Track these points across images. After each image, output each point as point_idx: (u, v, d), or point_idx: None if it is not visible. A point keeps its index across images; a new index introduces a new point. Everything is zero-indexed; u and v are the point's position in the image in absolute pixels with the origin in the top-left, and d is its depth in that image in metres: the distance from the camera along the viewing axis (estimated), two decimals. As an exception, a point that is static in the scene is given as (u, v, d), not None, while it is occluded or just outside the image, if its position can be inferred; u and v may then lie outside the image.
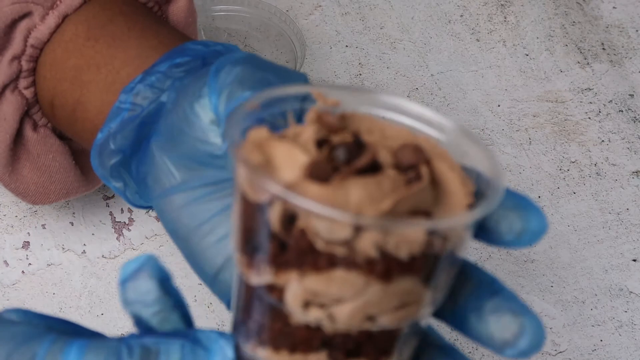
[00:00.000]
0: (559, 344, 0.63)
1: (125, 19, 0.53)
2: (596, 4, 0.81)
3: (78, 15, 0.53)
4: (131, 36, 0.52)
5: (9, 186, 0.57)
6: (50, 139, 0.56)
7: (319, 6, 0.79)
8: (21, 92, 0.54)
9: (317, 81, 0.75)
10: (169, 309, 0.36)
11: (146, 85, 0.48)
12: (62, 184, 0.57)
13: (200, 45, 0.49)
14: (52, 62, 0.53)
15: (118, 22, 0.53)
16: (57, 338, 0.35)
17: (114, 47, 0.52)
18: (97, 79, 0.52)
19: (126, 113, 0.48)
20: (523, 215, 0.36)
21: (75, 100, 0.53)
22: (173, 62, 0.48)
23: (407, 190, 0.32)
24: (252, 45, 0.75)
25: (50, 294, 0.62)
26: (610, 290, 0.65)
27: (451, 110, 0.74)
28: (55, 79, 0.53)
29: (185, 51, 0.49)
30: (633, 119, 0.74)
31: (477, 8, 0.80)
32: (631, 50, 0.79)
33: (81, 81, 0.52)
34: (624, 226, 0.68)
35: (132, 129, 0.48)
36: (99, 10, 0.53)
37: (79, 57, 0.53)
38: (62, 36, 0.53)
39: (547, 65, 0.77)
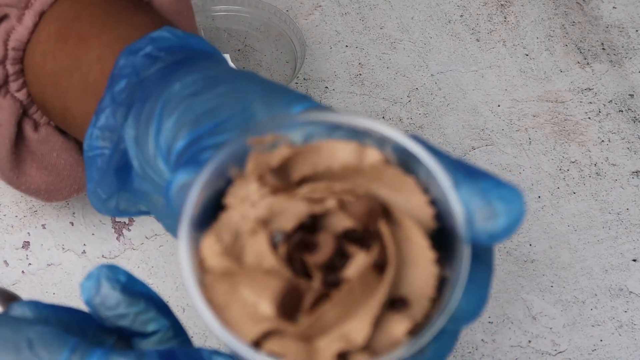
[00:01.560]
0: (559, 344, 0.63)
1: (91, 13, 0.51)
2: (596, 4, 0.81)
3: (51, 12, 0.52)
4: (92, 33, 0.50)
5: (20, 188, 0.56)
6: (53, 137, 0.55)
7: (319, 6, 0.79)
8: (13, 95, 0.53)
9: (317, 81, 0.75)
10: (143, 310, 0.36)
11: (99, 129, 0.45)
12: (73, 180, 0.57)
13: (150, 45, 0.46)
14: (33, 67, 0.52)
15: (83, 18, 0.51)
16: (77, 346, 0.34)
17: (80, 48, 0.50)
18: (73, 85, 0.50)
19: (99, 159, 0.46)
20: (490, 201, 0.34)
21: (61, 106, 0.52)
22: (113, 91, 0.45)
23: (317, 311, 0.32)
24: (252, 45, 0.75)
25: (50, 294, 0.62)
26: (610, 290, 0.65)
27: (451, 110, 0.74)
28: (39, 84, 0.52)
29: (122, 72, 0.45)
30: (633, 119, 0.74)
31: (477, 8, 0.80)
32: (631, 50, 0.79)
33: (61, 87, 0.51)
34: (624, 226, 0.68)
35: (111, 175, 0.46)
36: (69, 5, 0.52)
37: (53, 61, 0.51)
38: (39, 37, 0.52)
39: (547, 65, 0.77)
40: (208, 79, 0.41)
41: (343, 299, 0.32)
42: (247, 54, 0.75)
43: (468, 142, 0.72)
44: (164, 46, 0.46)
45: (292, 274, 0.33)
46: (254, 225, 0.34)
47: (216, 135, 0.39)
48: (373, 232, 0.34)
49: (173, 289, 0.63)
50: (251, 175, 0.35)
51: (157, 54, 0.45)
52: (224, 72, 0.42)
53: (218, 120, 0.39)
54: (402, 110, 0.73)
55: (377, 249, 0.33)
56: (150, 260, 0.64)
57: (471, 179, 0.34)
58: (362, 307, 0.33)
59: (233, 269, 0.33)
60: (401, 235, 0.34)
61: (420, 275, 0.33)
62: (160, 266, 0.63)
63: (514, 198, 0.33)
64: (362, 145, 0.35)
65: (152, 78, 0.44)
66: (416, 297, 0.33)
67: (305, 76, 0.75)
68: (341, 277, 0.33)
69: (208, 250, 0.33)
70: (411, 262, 0.34)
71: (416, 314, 0.33)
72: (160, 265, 0.63)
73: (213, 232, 0.34)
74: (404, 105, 0.74)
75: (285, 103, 0.39)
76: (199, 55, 0.45)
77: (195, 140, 0.39)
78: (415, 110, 0.74)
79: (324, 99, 0.74)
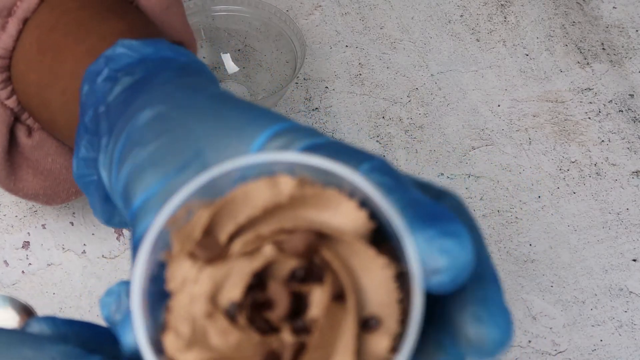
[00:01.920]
0: (559, 344, 0.63)
1: (65, 22, 0.50)
2: (596, 4, 0.81)
3: (34, 20, 0.51)
4: (66, 45, 0.49)
5: (18, 194, 0.56)
6: (47, 142, 0.55)
7: (319, 6, 0.79)
8: (3, 103, 0.53)
9: (317, 81, 0.75)
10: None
11: (82, 159, 0.45)
12: (70, 183, 0.57)
13: (107, 66, 0.45)
14: (19, 77, 0.52)
15: (59, 28, 0.50)
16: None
17: (56, 61, 0.49)
18: (55, 98, 0.50)
19: (91, 186, 0.46)
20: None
21: (48, 117, 0.52)
22: (85, 121, 0.45)
23: None
24: (252, 45, 0.75)
25: (50, 294, 0.62)
26: (610, 290, 0.65)
27: (451, 110, 0.74)
28: (26, 93, 0.52)
29: (88, 100, 0.45)
30: (633, 119, 0.74)
31: (477, 8, 0.80)
32: (631, 50, 0.79)
33: (45, 99, 0.51)
34: (624, 226, 0.68)
35: (103, 201, 0.46)
36: (48, 12, 0.51)
37: (35, 72, 0.51)
38: (23, 46, 0.51)
39: (547, 65, 0.77)
40: (157, 121, 0.40)
41: (318, 342, 0.32)
42: (247, 54, 0.75)
43: (468, 142, 0.72)
44: (121, 65, 0.45)
45: (260, 336, 0.32)
46: (207, 308, 0.33)
47: (163, 196, 0.38)
48: (320, 262, 0.33)
49: (173, 289, 0.63)
50: (180, 254, 0.34)
51: (114, 76, 0.45)
52: (176, 107, 0.41)
53: (165, 177, 0.38)
54: (402, 110, 0.73)
55: (330, 278, 0.33)
56: (150, 260, 0.64)
57: (421, 225, 0.32)
58: (340, 343, 0.32)
59: (204, 357, 0.33)
60: (347, 253, 0.33)
61: (379, 284, 0.33)
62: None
63: (457, 251, 0.32)
64: (272, 178, 0.34)
65: (113, 107, 0.44)
66: (384, 307, 0.33)
67: (305, 76, 0.75)
68: (307, 320, 0.33)
69: (173, 349, 0.33)
70: (366, 276, 0.33)
71: (390, 326, 0.33)
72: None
73: (170, 329, 0.33)
74: (404, 105, 0.74)
75: (239, 140, 0.38)
76: (157, 69, 0.45)
77: (148, 199, 0.38)
78: (415, 110, 0.74)
79: (324, 99, 0.74)
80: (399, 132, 0.72)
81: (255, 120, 0.38)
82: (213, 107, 0.40)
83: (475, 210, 0.69)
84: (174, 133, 0.39)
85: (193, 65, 0.46)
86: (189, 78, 0.44)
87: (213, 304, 0.33)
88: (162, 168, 0.39)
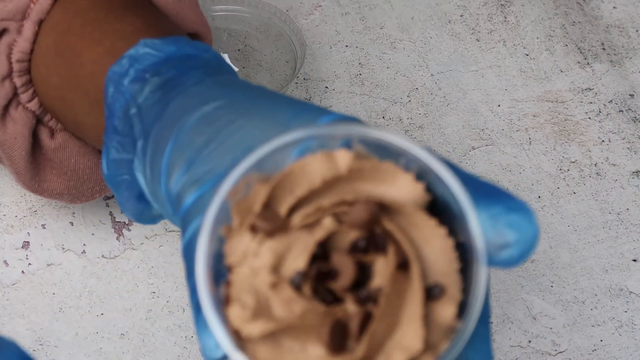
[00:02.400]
0: (559, 344, 0.63)
1: (80, 23, 0.50)
2: (596, 4, 0.81)
3: (48, 21, 0.51)
4: (83, 47, 0.49)
5: (43, 194, 0.56)
6: (70, 143, 0.55)
7: (319, 6, 0.79)
8: (25, 106, 0.53)
9: (317, 81, 0.75)
10: None
11: (112, 161, 0.45)
12: (94, 182, 0.56)
13: (132, 67, 0.44)
14: (40, 80, 0.52)
15: (74, 29, 0.50)
16: None
17: (75, 64, 0.49)
18: (78, 99, 0.50)
19: (122, 186, 0.45)
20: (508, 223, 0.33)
21: (72, 120, 0.52)
22: (113, 123, 0.45)
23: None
24: (252, 45, 0.75)
25: (50, 294, 0.62)
26: (610, 290, 0.65)
27: (451, 110, 0.74)
28: (48, 97, 0.52)
29: (114, 102, 0.44)
30: (633, 119, 0.74)
31: (477, 8, 0.80)
32: (631, 50, 0.79)
33: (69, 101, 0.51)
34: (624, 226, 0.68)
35: (134, 200, 0.46)
36: (61, 13, 0.51)
37: (57, 75, 0.50)
38: (40, 49, 0.51)
39: (547, 65, 0.77)
40: (204, 123, 0.40)
41: (385, 311, 0.32)
42: (247, 54, 0.75)
43: (468, 142, 0.72)
44: (147, 65, 0.45)
45: (325, 307, 0.33)
46: (271, 279, 0.33)
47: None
48: (381, 233, 0.33)
49: (173, 289, 0.63)
50: (241, 228, 0.34)
51: (142, 76, 0.44)
52: (219, 107, 0.41)
53: (217, 176, 0.38)
54: (402, 110, 0.73)
55: (393, 249, 0.33)
56: (150, 260, 0.64)
57: (483, 203, 0.33)
58: (406, 311, 0.32)
59: (269, 327, 0.33)
60: (407, 224, 0.34)
61: (440, 253, 0.33)
62: (160, 266, 0.63)
63: (525, 225, 0.33)
64: (329, 152, 0.34)
65: (146, 109, 0.43)
66: (446, 276, 0.33)
67: (305, 76, 0.75)
68: (372, 290, 0.33)
69: (238, 320, 0.33)
70: (427, 246, 0.33)
71: (454, 293, 0.33)
72: (160, 265, 0.63)
73: (234, 301, 0.33)
74: (404, 105, 0.74)
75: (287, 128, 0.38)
76: (184, 67, 0.44)
77: (201, 196, 0.38)
78: (415, 110, 0.74)
79: (324, 99, 0.74)
80: (399, 132, 0.72)
81: (301, 114, 0.39)
82: (255, 103, 0.40)
83: (475, 210, 0.68)
84: (224, 134, 0.39)
85: (214, 61, 0.46)
86: (218, 76, 0.44)
87: (277, 275, 0.33)
88: (214, 168, 0.38)
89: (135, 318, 0.61)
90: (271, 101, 0.40)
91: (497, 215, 0.33)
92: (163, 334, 0.61)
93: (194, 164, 0.39)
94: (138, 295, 0.62)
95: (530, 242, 0.33)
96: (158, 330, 0.61)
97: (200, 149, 0.39)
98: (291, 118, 0.38)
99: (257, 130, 0.39)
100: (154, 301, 0.62)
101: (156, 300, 0.62)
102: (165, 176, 0.40)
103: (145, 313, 0.61)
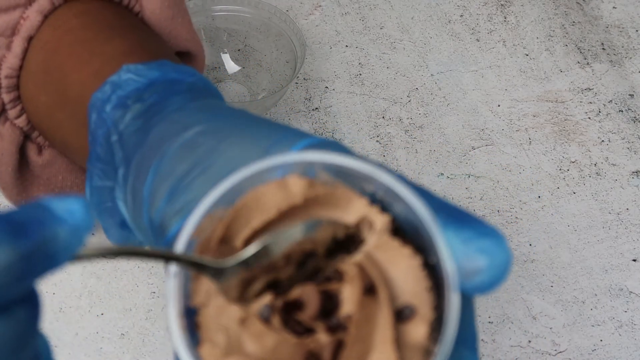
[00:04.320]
0: (559, 344, 0.63)
1: (69, 42, 0.49)
2: (596, 4, 0.81)
3: (38, 39, 0.50)
4: (71, 68, 0.49)
5: None
6: (57, 159, 0.55)
7: (319, 6, 0.79)
8: (13, 122, 0.53)
9: (317, 81, 0.75)
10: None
11: (95, 188, 0.45)
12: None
13: (114, 94, 0.44)
14: (29, 98, 0.51)
15: (62, 50, 0.49)
16: None
17: (63, 84, 0.49)
18: (67, 119, 0.49)
19: (107, 213, 0.45)
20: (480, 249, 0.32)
21: (60, 140, 0.51)
22: (96, 150, 0.44)
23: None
24: (252, 45, 0.75)
25: (50, 294, 0.62)
26: (610, 290, 0.65)
27: (451, 110, 0.74)
28: (37, 115, 0.52)
29: (97, 129, 0.44)
30: (633, 119, 0.74)
31: (477, 8, 0.80)
32: (631, 50, 0.79)
33: (56, 120, 0.50)
34: (624, 226, 0.68)
35: (117, 227, 0.46)
36: (51, 32, 0.50)
37: (45, 94, 0.50)
38: (29, 66, 0.51)
39: (547, 65, 0.77)
40: (185, 151, 0.40)
41: (356, 337, 0.32)
42: (247, 54, 0.75)
43: (468, 142, 0.72)
44: (129, 91, 0.44)
45: (297, 338, 0.32)
46: (239, 314, 0.33)
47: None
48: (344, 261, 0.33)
49: (173, 289, 0.63)
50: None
51: (124, 103, 0.44)
52: (200, 134, 0.40)
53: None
54: (402, 110, 0.73)
55: (358, 273, 0.33)
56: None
57: (454, 227, 0.33)
58: (377, 336, 0.32)
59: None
60: (371, 247, 0.33)
61: (407, 273, 0.33)
62: (160, 266, 0.63)
63: (496, 250, 0.32)
64: (282, 180, 0.34)
65: (127, 136, 0.43)
66: (416, 296, 0.33)
67: (305, 76, 0.75)
68: (342, 317, 0.33)
69: (211, 359, 0.33)
70: (393, 267, 0.33)
71: (425, 313, 0.33)
72: (160, 265, 0.63)
73: (205, 341, 0.33)
74: (404, 105, 0.74)
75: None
76: (166, 93, 0.44)
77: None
78: (415, 110, 0.74)
79: (324, 99, 0.74)
80: (399, 132, 0.72)
81: (281, 141, 0.38)
82: (237, 128, 0.40)
83: (475, 210, 0.69)
84: (205, 161, 0.39)
85: (200, 84, 0.46)
86: (201, 100, 0.44)
87: (244, 310, 0.33)
88: (197, 196, 0.38)
89: (135, 318, 0.61)
90: (252, 126, 0.40)
91: (468, 240, 0.32)
92: (163, 334, 0.61)
93: (176, 193, 0.39)
94: (138, 295, 0.62)
95: (502, 268, 0.32)
96: (158, 330, 0.61)
97: (181, 177, 0.39)
98: (273, 143, 0.38)
99: (238, 157, 0.38)
100: (154, 301, 0.62)
101: (156, 300, 0.62)
102: (148, 205, 0.40)
103: (145, 313, 0.61)
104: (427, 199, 0.34)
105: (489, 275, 0.32)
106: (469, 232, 0.32)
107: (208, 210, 0.34)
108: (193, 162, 0.39)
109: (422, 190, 0.35)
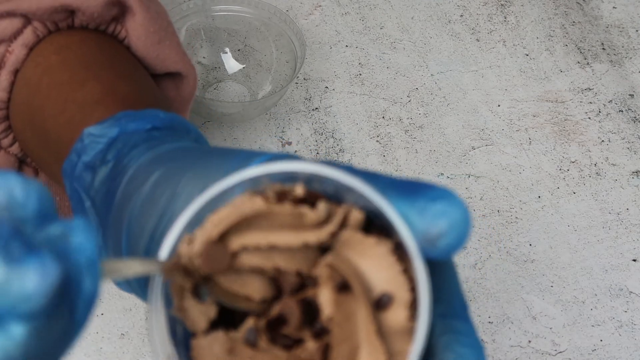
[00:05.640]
0: (559, 344, 0.63)
1: (48, 83, 0.50)
2: (596, 4, 0.81)
3: (23, 74, 0.51)
4: (49, 113, 0.49)
5: None
6: (54, 182, 0.55)
7: (319, 6, 0.79)
8: (7, 150, 0.54)
9: (317, 81, 0.75)
10: None
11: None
12: None
13: (80, 161, 0.45)
14: (17, 130, 0.52)
15: (41, 90, 0.50)
16: None
17: (43, 128, 0.50)
18: (51, 158, 0.50)
19: None
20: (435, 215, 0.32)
21: (49, 172, 0.52)
22: (74, 209, 0.45)
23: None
24: (252, 45, 0.75)
25: (50, 294, 0.62)
26: (610, 290, 0.65)
27: (451, 110, 0.74)
28: (25, 146, 0.53)
29: (72, 195, 0.45)
30: (633, 119, 0.74)
31: (477, 8, 0.80)
32: (631, 50, 0.79)
33: (42, 159, 0.51)
34: (624, 226, 0.68)
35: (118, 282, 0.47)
36: (33, 68, 0.51)
37: (30, 130, 0.51)
38: (15, 101, 0.52)
39: (547, 65, 0.77)
40: (147, 205, 0.41)
41: (339, 337, 0.32)
42: (247, 54, 0.75)
43: (468, 142, 0.72)
44: (93, 155, 0.45)
45: (287, 352, 0.33)
46: (226, 345, 0.33)
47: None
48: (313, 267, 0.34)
49: (173, 289, 0.63)
50: (181, 305, 0.34)
51: (92, 166, 0.45)
52: (157, 185, 0.41)
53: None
54: (402, 110, 0.73)
55: (329, 273, 0.33)
56: (150, 260, 0.64)
57: (408, 199, 0.33)
58: (359, 329, 0.33)
59: None
60: (337, 245, 0.34)
61: (378, 262, 0.33)
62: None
63: (452, 210, 0.32)
64: (234, 202, 0.34)
65: (98, 201, 0.44)
66: (391, 282, 0.33)
67: (305, 76, 0.75)
68: (324, 321, 0.33)
69: None
70: (363, 259, 0.33)
71: (402, 296, 0.33)
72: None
73: None
74: (404, 105, 0.74)
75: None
76: (127, 148, 0.45)
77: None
78: (415, 110, 0.74)
79: (324, 99, 0.74)
80: (399, 132, 0.72)
81: (234, 167, 0.39)
82: (190, 164, 0.41)
83: (475, 210, 0.69)
84: (168, 211, 0.40)
85: (167, 123, 0.47)
86: (156, 148, 0.44)
87: (229, 339, 0.33)
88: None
89: (135, 318, 0.61)
90: (204, 158, 0.41)
91: (423, 209, 0.33)
92: (163, 334, 0.61)
93: (151, 250, 0.40)
94: (138, 295, 0.62)
95: (463, 224, 0.32)
96: (158, 330, 0.61)
97: (151, 234, 0.40)
98: (224, 171, 0.39)
99: (196, 193, 0.39)
100: (154, 301, 0.62)
101: (156, 300, 0.62)
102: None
103: (145, 313, 0.61)
104: (375, 180, 0.34)
105: (453, 235, 0.32)
106: (422, 201, 0.33)
107: (170, 249, 0.34)
108: (158, 215, 0.40)
109: (369, 174, 0.35)
